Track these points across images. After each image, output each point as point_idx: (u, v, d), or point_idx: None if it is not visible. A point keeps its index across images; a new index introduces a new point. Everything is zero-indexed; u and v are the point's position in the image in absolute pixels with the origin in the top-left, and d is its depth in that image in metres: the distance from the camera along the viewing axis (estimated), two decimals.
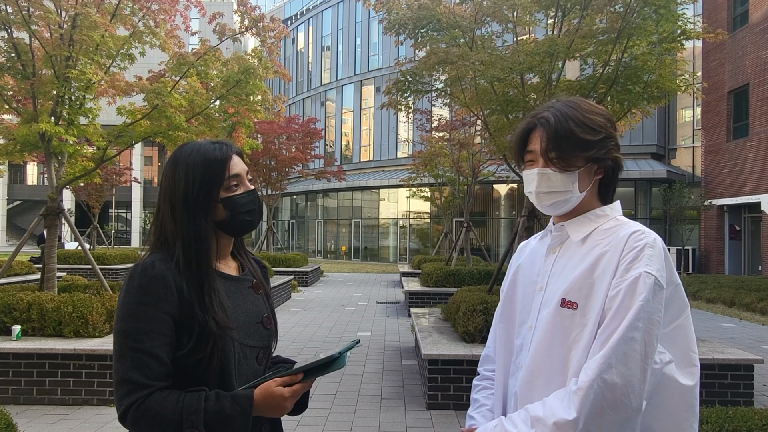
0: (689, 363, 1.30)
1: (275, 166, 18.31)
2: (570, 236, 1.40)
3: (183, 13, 7.49)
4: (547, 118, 1.37)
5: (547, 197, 1.39)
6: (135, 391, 1.22)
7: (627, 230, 1.30)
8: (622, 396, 1.16)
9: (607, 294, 1.25)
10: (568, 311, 1.30)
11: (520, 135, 1.43)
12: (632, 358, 1.18)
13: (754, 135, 18.06)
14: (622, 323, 1.19)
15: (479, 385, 1.61)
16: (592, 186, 1.39)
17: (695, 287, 14.28)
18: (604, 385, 1.17)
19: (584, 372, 1.20)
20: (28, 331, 5.40)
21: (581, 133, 1.33)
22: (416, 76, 7.69)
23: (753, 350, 7.74)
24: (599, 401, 1.16)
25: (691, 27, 6.50)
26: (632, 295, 1.21)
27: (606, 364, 1.17)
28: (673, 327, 1.29)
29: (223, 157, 1.37)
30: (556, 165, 1.35)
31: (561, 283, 1.34)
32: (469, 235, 13.79)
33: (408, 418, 4.90)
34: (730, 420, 3.13)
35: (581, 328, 1.27)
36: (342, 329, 9.28)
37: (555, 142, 1.34)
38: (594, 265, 1.29)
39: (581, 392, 1.17)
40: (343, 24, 33.85)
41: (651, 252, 1.25)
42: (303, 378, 1.29)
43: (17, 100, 7.10)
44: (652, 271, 1.22)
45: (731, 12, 19.46)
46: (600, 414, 1.17)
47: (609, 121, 1.37)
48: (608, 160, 1.36)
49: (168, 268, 1.30)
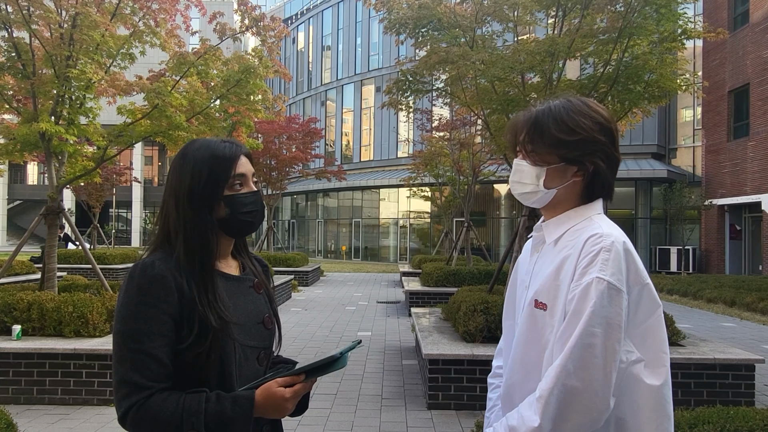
0: (659, 363, 1.29)
1: (275, 166, 18.31)
2: (545, 237, 1.41)
3: (183, 13, 7.49)
4: (531, 112, 1.39)
5: (517, 187, 1.43)
6: (135, 392, 1.22)
7: (587, 233, 1.29)
8: (586, 400, 1.17)
9: (566, 297, 1.26)
10: (540, 312, 1.31)
11: (513, 126, 1.46)
12: (592, 364, 1.17)
13: (754, 134, 18.04)
14: (576, 329, 1.20)
15: (492, 383, 1.63)
16: (568, 186, 1.37)
17: (696, 287, 14.27)
18: (565, 390, 1.17)
19: (545, 378, 1.21)
20: (29, 330, 5.40)
21: (555, 131, 1.33)
22: (417, 75, 7.68)
23: (754, 350, 7.73)
24: (563, 406, 1.17)
25: (691, 26, 6.49)
26: (584, 301, 1.21)
27: (564, 370, 1.18)
28: (644, 327, 1.28)
29: (231, 156, 1.37)
30: (529, 157, 1.38)
31: (536, 284, 1.36)
32: (470, 234, 13.78)
33: (408, 417, 4.89)
34: (732, 420, 3.12)
35: (551, 329, 1.28)
36: (342, 329, 9.28)
37: (530, 135, 1.37)
38: (559, 268, 1.30)
39: (542, 399, 1.19)
40: (343, 23, 33.84)
41: (606, 256, 1.23)
42: (304, 378, 1.29)
43: (17, 100, 7.09)
44: (605, 276, 1.21)
45: (732, 11, 19.45)
46: (567, 418, 1.18)
47: (598, 125, 1.33)
48: (586, 164, 1.33)
49: (168, 268, 1.29)
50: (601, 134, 1.34)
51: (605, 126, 1.35)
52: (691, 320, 10.92)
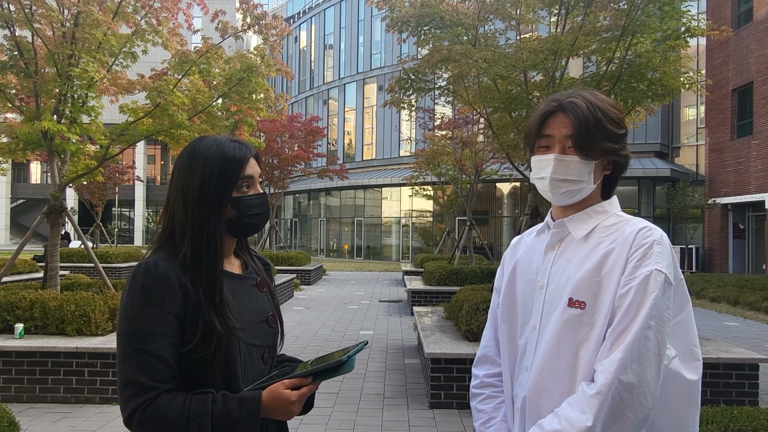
0: (692, 357, 1.29)
1: (278, 165, 18.31)
2: (571, 233, 1.37)
3: (185, 11, 7.49)
4: (578, 104, 1.33)
5: (561, 184, 1.35)
6: (140, 393, 1.20)
7: (634, 227, 1.28)
8: (639, 396, 1.14)
9: (616, 292, 1.22)
10: (576, 311, 1.27)
11: (539, 118, 1.39)
12: (647, 358, 1.15)
13: (758, 133, 17.97)
14: (635, 322, 1.17)
15: (482, 393, 1.53)
16: (599, 181, 1.38)
17: (699, 286, 14.23)
18: (621, 386, 1.14)
19: (601, 374, 1.17)
20: (31, 329, 5.40)
21: (609, 125, 1.32)
22: (419, 73, 7.67)
23: (758, 349, 7.70)
24: (617, 404, 1.14)
25: (695, 24, 6.47)
26: (644, 293, 1.19)
27: (622, 364, 1.15)
28: (676, 322, 1.27)
29: (241, 157, 1.36)
30: (580, 152, 1.32)
31: (565, 282, 1.30)
32: (472, 233, 13.76)
33: (411, 416, 4.89)
34: (735, 420, 3.11)
35: (589, 328, 1.24)
36: (345, 328, 9.27)
37: (585, 128, 1.31)
38: (601, 263, 1.27)
39: (600, 396, 1.14)
40: (345, 22, 33.81)
41: (660, 249, 1.23)
42: (311, 381, 1.28)
43: (20, 99, 7.10)
44: (662, 268, 1.21)
45: (735, 9, 19.36)
46: (618, 416, 1.14)
47: (623, 120, 1.38)
48: (621, 156, 1.36)
49: (172, 267, 1.28)
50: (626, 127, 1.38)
51: (624, 119, 1.39)
52: (695, 319, 10.87)
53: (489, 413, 1.49)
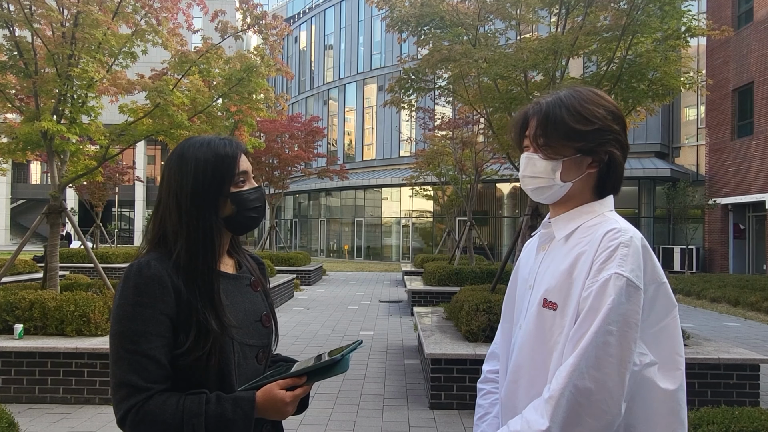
0: (673, 366, 1.24)
1: (278, 165, 18.31)
2: (555, 234, 1.36)
3: (185, 11, 7.48)
4: (540, 104, 1.35)
5: (529, 182, 1.38)
6: (134, 394, 1.20)
7: (604, 228, 1.25)
8: (599, 402, 1.11)
9: (581, 295, 1.21)
10: (549, 312, 1.26)
11: (519, 120, 1.42)
12: (606, 363, 1.12)
13: (758, 133, 17.97)
14: (592, 327, 1.15)
15: (483, 389, 1.56)
16: (583, 178, 1.33)
17: (699, 286, 14.22)
18: (577, 391, 1.12)
19: (555, 379, 1.16)
20: (31, 329, 5.39)
21: (572, 122, 1.29)
22: (419, 73, 7.67)
23: (758, 350, 7.69)
24: (574, 408, 1.12)
25: (695, 24, 6.46)
26: (601, 298, 1.16)
27: (576, 369, 1.13)
28: (659, 328, 1.24)
29: (233, 153, 1.36)
30: (542, 151, 1.33)
31: (545, 283, 1.30)
32: (472, 233, 13.75)
33: (411, 417, 4.88)
34: (737, 420, 3.10)
35: (560, 330, 1.23)
36: (345, 328, 9.27)
37: (543, 128, 1.32)
38: (573, 265, 1.25)
39: (553, 400, 1.13)
40: (345, 22, 33.82)
41: (625, 252, 1.19)
42: (305, 382, 1.27)
43: (20, 99, 7.09)
44: (624, 272, 1.16)
45: (736, 9, 19.36)
46: (577, 422, 1.12)
47: (611, 114, 1.31)
48: (602, 153, 1.31)
49: (164, 267, 1.27)
50: (615, 123, 1.32)
51: (617, 114, 1.33)
52: (695, 320, 10.87)
53: (485, 408, 1.51)
